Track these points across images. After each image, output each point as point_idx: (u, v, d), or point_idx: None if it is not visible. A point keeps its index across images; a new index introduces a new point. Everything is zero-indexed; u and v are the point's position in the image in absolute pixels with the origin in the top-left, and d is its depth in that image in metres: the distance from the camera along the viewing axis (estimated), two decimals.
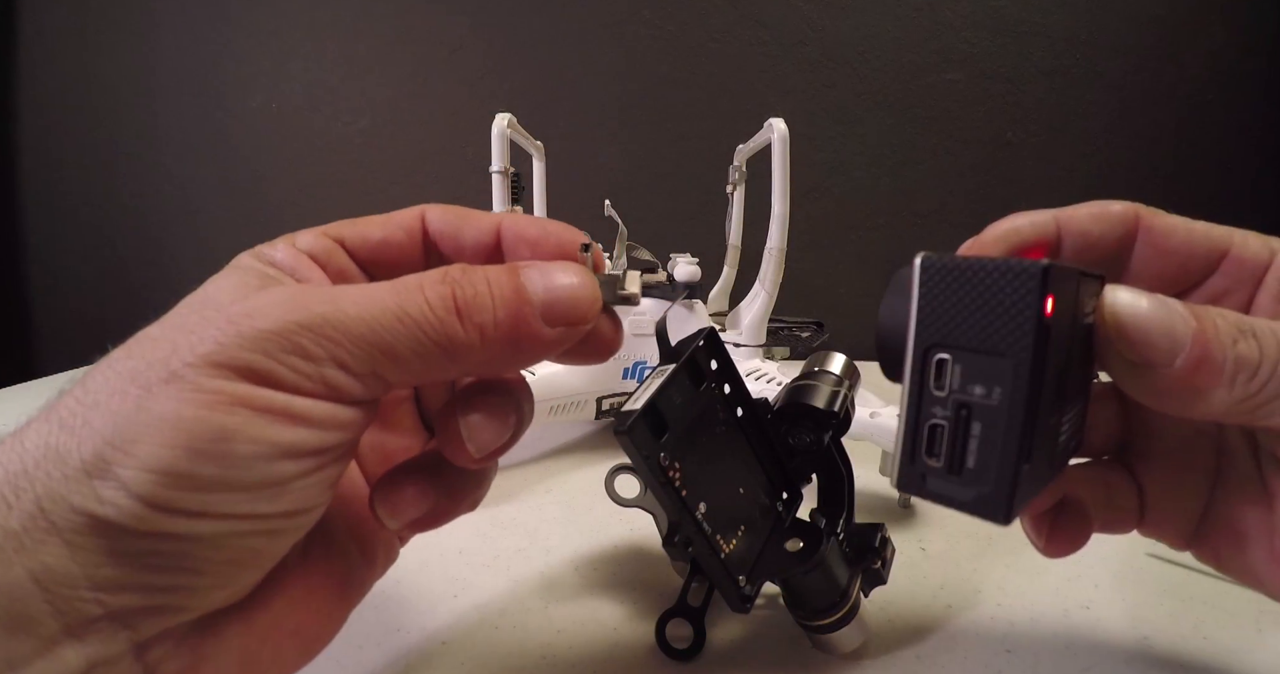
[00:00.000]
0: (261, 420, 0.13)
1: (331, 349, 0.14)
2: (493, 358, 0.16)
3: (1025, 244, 0.19)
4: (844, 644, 0.22)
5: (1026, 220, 0.19)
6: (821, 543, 0.21)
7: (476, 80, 0.83)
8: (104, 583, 0.13)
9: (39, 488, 0.12)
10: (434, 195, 0.85)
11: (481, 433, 0.18)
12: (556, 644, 0.24)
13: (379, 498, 0.18)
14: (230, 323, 0.14)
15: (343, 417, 0.15)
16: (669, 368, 0.19)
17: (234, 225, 0.88)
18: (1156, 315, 0.16)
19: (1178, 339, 0.15)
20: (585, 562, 0.30)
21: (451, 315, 0.15)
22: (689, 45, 0.80)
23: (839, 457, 0.24)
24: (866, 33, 0.77)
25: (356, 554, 0.19)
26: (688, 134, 0.81)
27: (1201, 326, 0.15)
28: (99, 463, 0.12)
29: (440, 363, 0.15)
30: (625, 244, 0.48)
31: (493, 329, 0.16)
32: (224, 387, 0.13)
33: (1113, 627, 0.26)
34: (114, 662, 0.13)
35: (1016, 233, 0.19)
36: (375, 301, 0.15)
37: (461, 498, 0.19)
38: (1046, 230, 0.19)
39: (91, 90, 0.87)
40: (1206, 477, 0.20)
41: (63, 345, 0.93)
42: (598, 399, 0.41)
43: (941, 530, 0.33)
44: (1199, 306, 0.16)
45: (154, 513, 0.12)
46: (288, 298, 0.14)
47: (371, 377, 0.15)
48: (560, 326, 0.16)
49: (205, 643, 0.15)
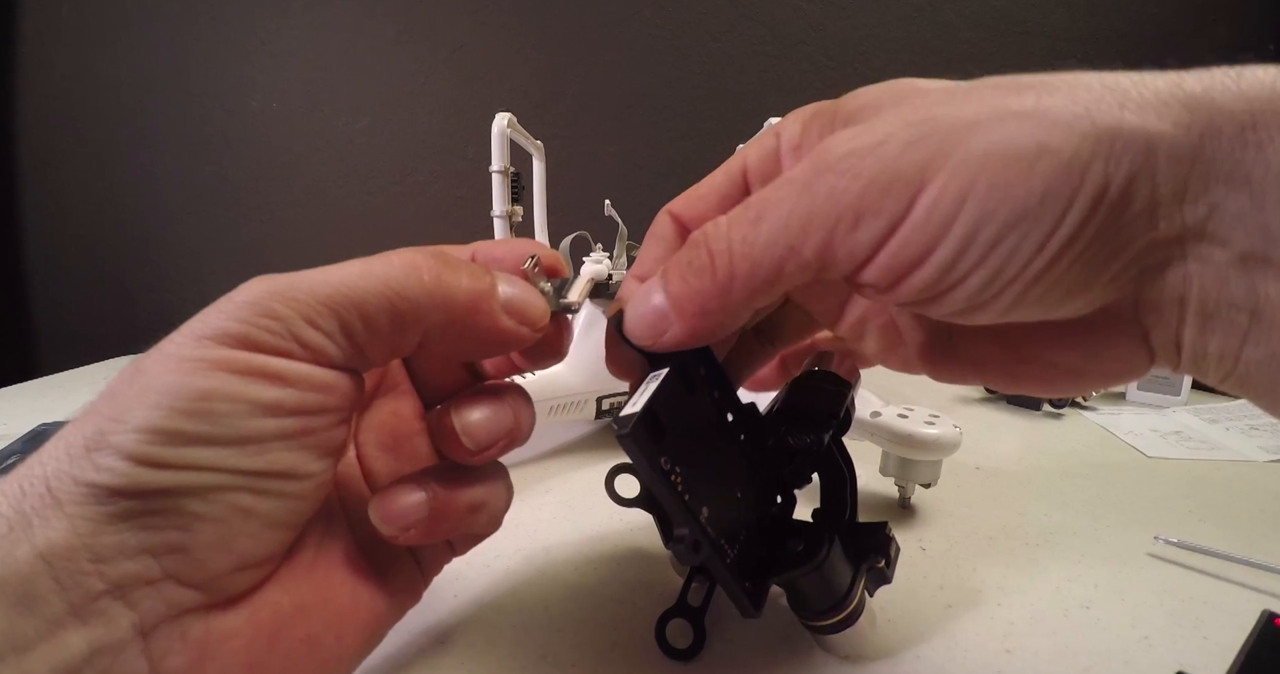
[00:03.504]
0: (240, 380, 0.14)
1: (299, 308, 0.15)
2: (454, 324, 0.17)
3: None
4: (849, 644, 0.22)
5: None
6: (824, 543, 0.21)
7: (476, 80, 0.83)
8: (103, 551, 0.13)
9: (49, 470, 0.13)
10: (434, 195, 0.85)
11: (476, 426, 0.19)
12: (556, 644, 0.24)
13: (374, 501, 0.18)
14: (214, 306, 0.15)
15: (319, 377, 0.16)
16: (661, 373, 0.19)
17: (234, 225, 0.88)
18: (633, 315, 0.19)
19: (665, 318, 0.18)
20: (585, 562, 0.29)
21: (417, 271, 0.16)
22: (689, 45, 0.80)
23: (840, 456, 0.24)
24: (867, 33, 0.77)
25: (382, 571, 0.19)
26: (688, 134, 0.81)
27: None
28: (98, 437, 0.13)
29: (406, 321, 0.16)
30: (625, 244, 0.48)
31: (455, 289, 0.17)
32: (206, 353, 0.14)
33: (1113, 627, 0.26)
34: (118, 649, 0.13)
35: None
36: (343, 267, 0.16)
37: (463, 504, 0.19)
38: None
39: (91, 90, 0.87)
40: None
41: (63, 345, 0.93)
42: (598, 399, 0.41)
43: (941, 530, 0.33)
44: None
45: (142, 468, 0.13)
46: (265, 279, 0.16)
47: (341, 334, 0.16)
48: (516, 321, 0.18)
49: (210, 640, 0.15)
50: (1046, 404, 0.55)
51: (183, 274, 0.89)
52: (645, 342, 0.19)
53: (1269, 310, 0.13)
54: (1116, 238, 0.14)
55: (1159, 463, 0.45)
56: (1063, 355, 0.17)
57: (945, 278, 0.15)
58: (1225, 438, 0.50)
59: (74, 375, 0.68)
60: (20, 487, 0.13)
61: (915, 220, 0.14)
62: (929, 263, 0.15)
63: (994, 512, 0.35)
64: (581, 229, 0.50)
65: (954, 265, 0.14)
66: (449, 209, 0.85)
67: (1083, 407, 0.56)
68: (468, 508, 0.19)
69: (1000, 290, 0.15)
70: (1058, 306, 0.15)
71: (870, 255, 0.15)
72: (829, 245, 0.15)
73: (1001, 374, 0.19)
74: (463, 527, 0.20)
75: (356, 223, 0.85)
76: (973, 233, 0.14)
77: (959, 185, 0.14)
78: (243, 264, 0.88)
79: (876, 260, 0.15)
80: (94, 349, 0.80)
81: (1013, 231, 0.14)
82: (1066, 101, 0.14)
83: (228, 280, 0.16)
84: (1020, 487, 0.39)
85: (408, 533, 0.18)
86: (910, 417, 0.33)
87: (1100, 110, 0.13)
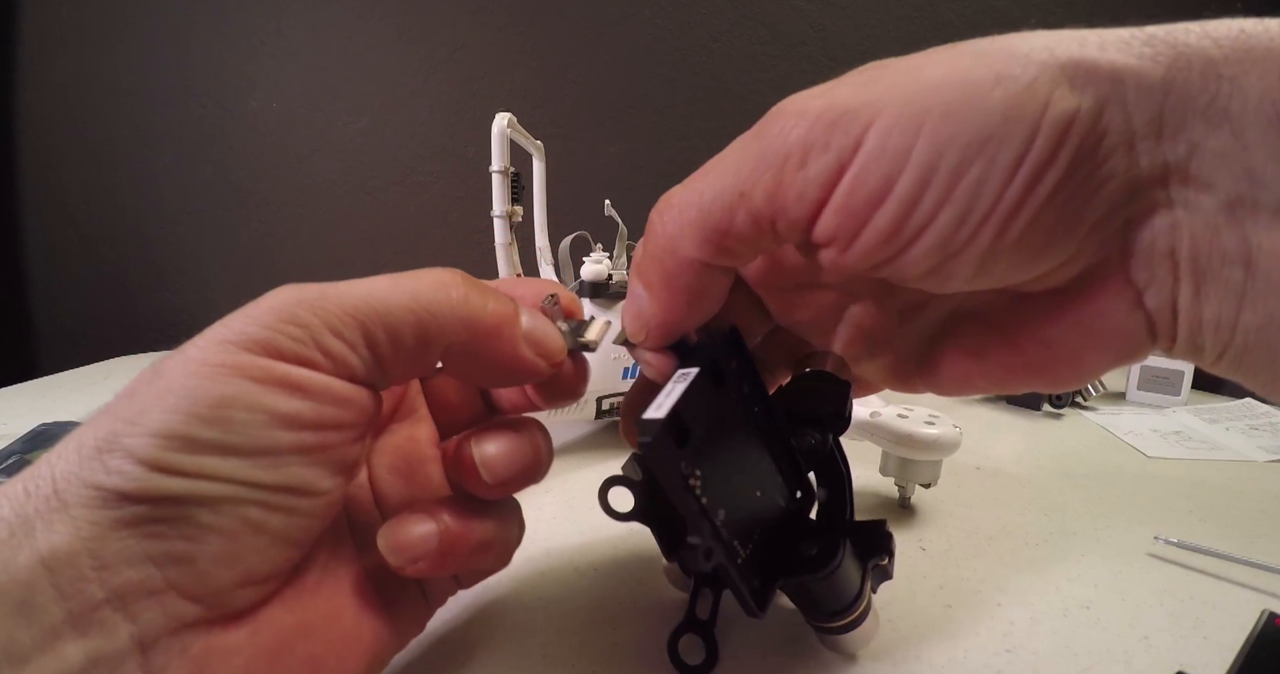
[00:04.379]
0: (259, 388, 0.14)
1: (325, 316, 0.15)
2: (476, 346, 0.17)
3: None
4: (858, 643, 0.22)
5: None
6: (839, 546, 0.20)
7: (476, 80, 0.83)
8: (107, 557, 0.13)
9: (57, 471, 0.13)
10: (434, 195, 0.85)
11: (496, 459, 0.19)
12: (557, 644, 0.24)
13: (384, 529, 0.18)
14: (240, 310, 0.15)
15: (339, 390, 0.15)
16: (692, 372, 0.18)
17: (234, 225, 0.88)
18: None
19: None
20: (585, 562, 0.29)
21: (445, 288, 0.16)
22: (689, 45, 0.80)
23: (839, 457, 0.24)
24: (867, 33, 0.77)
25: (387, 597, 0.19)
26: (688, 134, 0.81)
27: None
28: (111, 439, 0.13)
29: (430, 336, 0.16)
30: (625, 243, 0.48)
31: (481, 311, 0.17)
32: (227, 358, 0.14)
33: (1113, 627, 0.26)
34: (116, 662, 0.13)
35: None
36: (372, 280, 0.16)
37: (474, 540, 0.19)
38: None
39: (91, 90, 0.87)
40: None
41: (62, 345, 0.93)
42: (598, 399, 0.41)
43: (941, 530, 0.33)
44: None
45: (153, 473, 0.13)
46: (292, 287, 0.15)
47: (365, 346, 0.15)
48: (534, 352, 0.18)
49: (210, 657, 0.14)
50: (1046, 404, 0.55)
51: (183, 274, 0.89)
52: (636, 336, 0.19)
53: (1263, 262, 0.13)
54: (1095, 173, 0.13)
55: (1159, 463, 0.45)
56: (1058, 332, 0.16)
57: (910, 219, 0.14)
58: (1225, 438, 0.50)
59: (74, 375, 0.68)
60: (25, 488, 0.13)
61: (868, 151, 0.13)
62: (890, 199, 0.14)
63: (994, 512, 0.35)
64: (581, 229, 0.50)
65: (918, 201, 0.13)
66: (449, 209, 0.85)
67: (1083, 407, 0.56)
68: (478, 544, 0.19)
69: (974, 233, 0.13)
70: (1038, 257, 0.14)
71: (823, 196, 0.14)
72: (779, 186, 0.15)
73: (1000, 367, 0.18)
74: (471, 563, 0.19)
75: (356, 223, 0.85)
76: (933, 160, 0.13)
77: (912, 113, 0.13)
78: (243, 264, 0.88)
79: (831, 202, 0.14)
80: (94, 349, 0.80)
81: (979, 156, 0.13)
82: (1021, 41, 0.13)
83: (228, 280, 0.16)
84: (1020, 487, 0.39)
85: (415, 565, 0.18)
86: (910, 417, 0.33)
87: (1059, 46, 0.13)
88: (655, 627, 0.24)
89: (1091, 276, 0.15)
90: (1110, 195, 0.13)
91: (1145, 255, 0.14)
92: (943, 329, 0.20)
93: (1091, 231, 0.14)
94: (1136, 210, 0.14)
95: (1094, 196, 0.13)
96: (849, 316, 0.21)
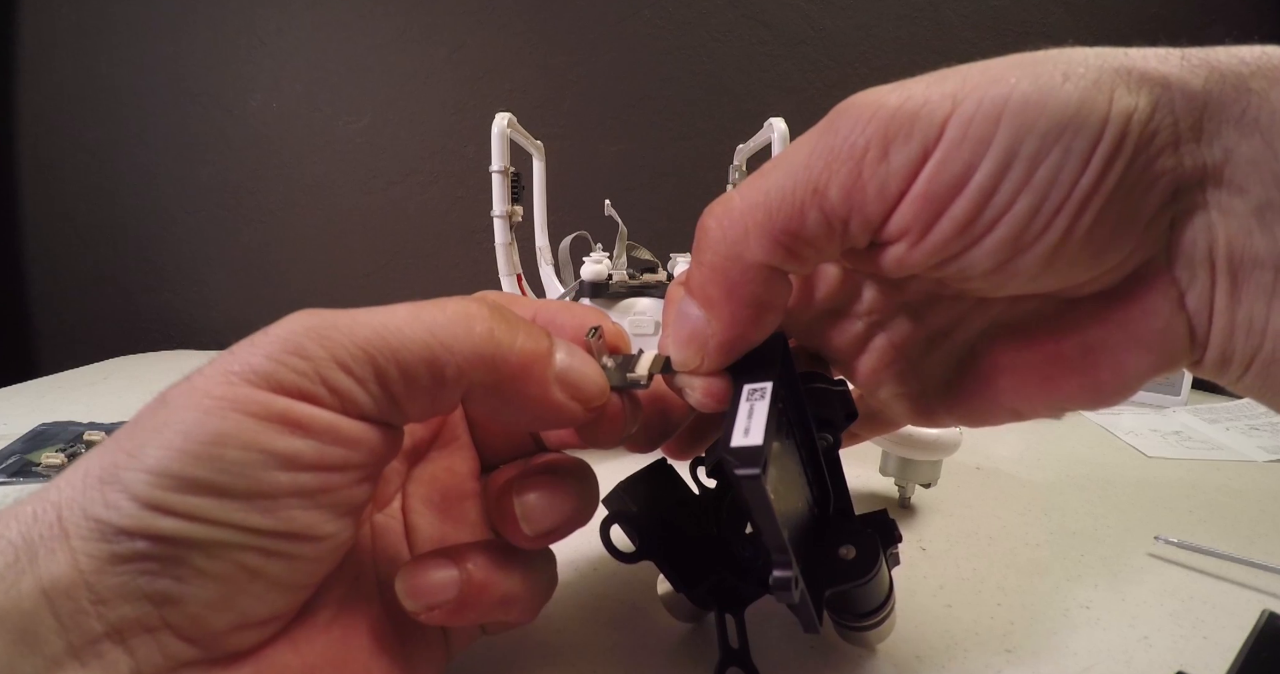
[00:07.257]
0: (256, 425, 0.13)
1: (332, 349, 0.14)
2: (501, 387, 0.15)
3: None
4: (884, 636, 0.22)
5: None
6: (880, 549, 0.20)
7: (476, 80, 0.83)
8: (104, 592, 0.13)
9: (63, 497, 0.13)
10: (434, 195, 0.85)
11: (538, 510, 0.18)
12: (557, 644, 0.24)
13: (402, 572, 0.17)
14: (250, 338, 0.14)
15: (344, 428, 0.14)
16: (765, 387, 0.16)
17: (233, 225, 0.88)
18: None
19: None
20: (585, 561, 0.29)
21: (468, 322, 0.15)
22: (689, 45, 0.80)
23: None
24: (868, 33, 0.77)
25: (405, 640, 0.18)
26: (688, 134, 0.81)
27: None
28: (111, 470, 0.13)
29: (446, 375, 0.15)
30: (625, 244, 0.48)
31: (507, 349, 0.15)
32: (227, 390, 0.13)
33: (1113, 627, 0.26)
34: None
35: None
36: (391, 309, 0.15)
37: (497, 594, 0.17)
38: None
39: (90, 90, 0.87)
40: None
41: (62, 345, 0.92)
42: None
43: (941, 530, 0.33)
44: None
45: (147, 512, 0.13)
46: (306, 313, 0.15)
47: (375, 383, 0.14)
48: (569, 395, 0.16)
49: None
50: None
51: (183, 274, 0.89)
52: (689, 362, 0.17)
53: None
54: (1150, 169, 0.14)
55: (1159, 463, 0.45)
56: (1103, 335, 0.16)
57: (986, 207, 0.14)
58: (1225, 438, 0.50)
59: (73, 375, 0.68)
60: (34, 511, 0.13)
61: (950, 138, 0.14)
62: (969, 187, 0.14)
63: (994, 512, 0.35)
64: (581, 229, 0.50)
65: (996, 188, 0.14)
66: (449, 209, 0.85)
67: None
68: (502, 597, 0.18)
69: (1047, 224, 0.14)
70: (1101, 254, 0.14)
71: (904, 187, 0.14)
72: (857, 180, 0.14)
73: (1037, 378, 0.17)
74: (492, 615, 0.18)
75: (356, 223, 0.85)
76: (1013, 146, 0.13)
77: (991, 102, 0.13)
78: (243, 263, 0.88)
79: (911, 191, 0.14)
80: (94, 349, 0.80)
81: (1057, 143, 0.13)
82: (1072, 51, 0.14)
83: (227, 280, 0.15)
84: (1020, 487, 0.39)
85: (431, 613, 0.17)
86: None
87: (1108, 56, 0.14)
88: (655, 627, 0.24)
89: (1139, 276, 0.15)
90: (1161, 192, 0.14)
91: (1188, 255, 0.14)
92: (972, 352, 0.19)
93: (1146, 228, 0.14)
94: (1180, 210, 0.14)
95: (1150, 191, 0.14)
96: (874, 346, 0.20)
